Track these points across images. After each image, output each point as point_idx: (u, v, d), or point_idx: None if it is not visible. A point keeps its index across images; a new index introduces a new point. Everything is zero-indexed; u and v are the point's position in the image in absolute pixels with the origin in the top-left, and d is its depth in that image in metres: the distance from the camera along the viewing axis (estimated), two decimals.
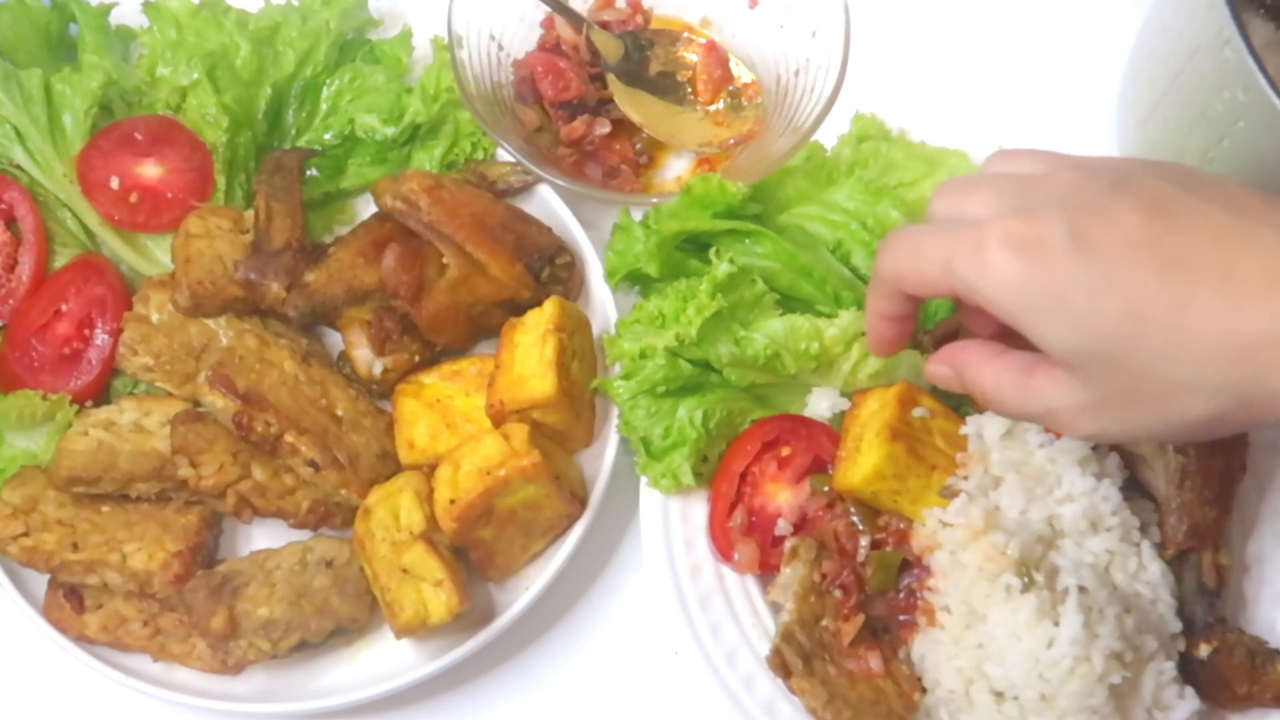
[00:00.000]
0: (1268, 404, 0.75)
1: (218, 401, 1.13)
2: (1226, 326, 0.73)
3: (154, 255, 1.28)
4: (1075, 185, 0.80)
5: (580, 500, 1.14)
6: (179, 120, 1.29)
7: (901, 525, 1.07)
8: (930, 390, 1.09)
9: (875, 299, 0.93)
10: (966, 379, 0.89)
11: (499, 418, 1.14)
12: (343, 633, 1.14)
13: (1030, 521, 1.03)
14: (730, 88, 1.38)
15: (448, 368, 1.22)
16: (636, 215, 1.19)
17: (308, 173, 1.31)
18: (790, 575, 1.07)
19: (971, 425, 1.07)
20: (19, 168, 1.27)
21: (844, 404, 1.14)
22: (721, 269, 1.10)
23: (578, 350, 1.16)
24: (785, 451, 1.12)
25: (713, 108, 1.37)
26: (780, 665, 1.03)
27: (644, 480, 1.13)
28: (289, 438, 1.13)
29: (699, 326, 1.09)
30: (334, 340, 1.26)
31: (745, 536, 1.11)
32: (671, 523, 1.13)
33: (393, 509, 1.12)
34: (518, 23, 1.37)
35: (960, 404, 1.10)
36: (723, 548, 1.12)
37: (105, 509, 1.16)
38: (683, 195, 1.16)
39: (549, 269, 1.22)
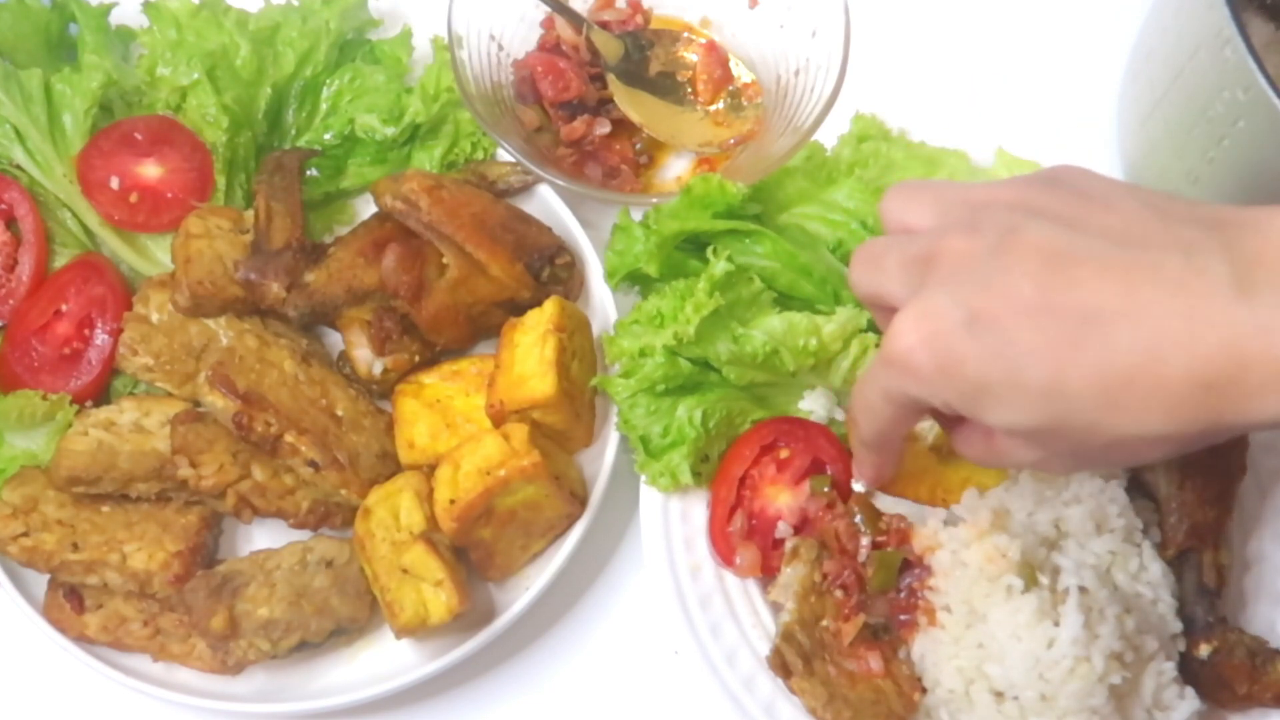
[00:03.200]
0: (1211, 437, 0.73)
1: (218, 401, 1.13)
2: (1154, 382, 0.70)
3: (154, 255, 1.28)
4: (959, 257, 0.77)
5: (580, 500, 1.14)
6: (179, 120, 1.29)
7: (902, 525, 1.07)
8: None
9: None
10: (953, 441, 0.89)
11: (499, 418, 1.14)
12: (343, 633, 1.14)
13: (1036, 524, 1.03)
14: (730, 88, 1.38)
15: (448, 368, 1.22)
16: (636, 215, 1.19)
17: (308, 173, 1.31)
18: (791, 575, 1.07)
19: None
20: (19, 168, 1.27)
21: (840, 411, 1.14)
22: (719, 267, 1.10)
23: (578, 350, 1.16)
24: (784, 454, 1.12)
25: (713, 108, 1.37)
26: (780, 665, 1.03)
27: (644, 480, 1.13)
28: (289, 438, 1.13)
29: (697, 325, 1.09)
30: (334, 340, 1.26)
31: (746, 540, 1.11)
32: (671, 523, 1.13)
33: (393, 509, 1.12)
34: (518, 23, 1.37)
35: None
36: (724, 552, 1.12)
37: (105, 509, 1.16)
38: (683, 195, 1.16)
39: (549, 269, 1.22)
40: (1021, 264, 0.74)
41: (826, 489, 1.09)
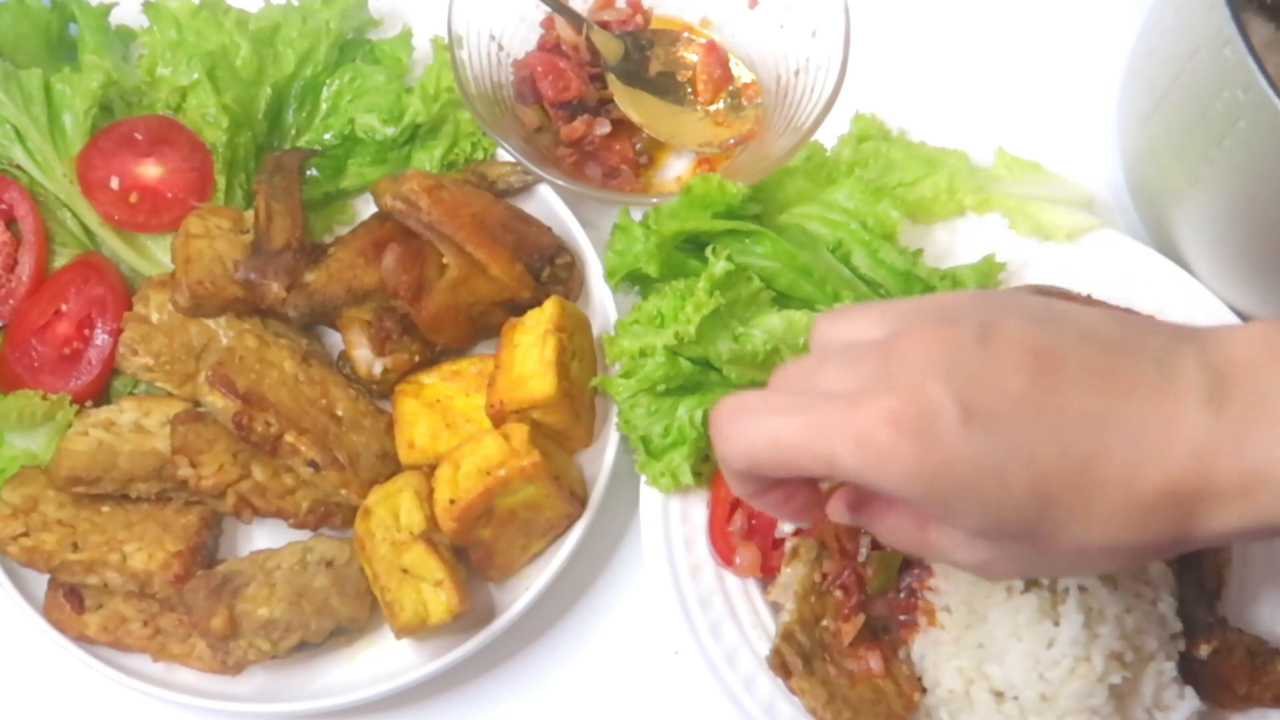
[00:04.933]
0: (1166, 552, 0.72)
1: (218, 401, 1.13)
2: (1127, 492, 0.69)
3: (154, 255, 1.28)
4: (939, 341, 0.71)
5: (580, 500, 1.14)
6: (179, 120, 1.29)
7: None
8: None
9: (734, 487, 0.79)
10: (864, 522, 0.83)
11: (499, 418, 1.14)
12: (343, 633, 1.14)
13: None
14: (730, 88, 1.38)
15: (448, 368, 1.22)
16: (636, 215, 1.19)
17: (308, 173, 1.31)
18: (790, 575, 1.07)
19: None
20: (19, 168, 1.27)
21: None
22: (718, 267, 1.10)
23: (578, 350, 1.16)
24: None
25: (713, 108, 1.37)
26: (780, 665, 1.03)
27: (644, 480, 1.13)
28: (289, 438, 1.13)
29: (697, 324, 1.09)
30: (334, 340, 1.26)
31: (746, 540, 1.11)
32: (671, 523, 1.13)
33: (393, 509, 1.12)
34: (518, 23, 1.37)
35: None
36: (723, 552, 1.12)
37: (105, 509, 1.16)
38: (683, 195, 1.16)
39: (549, 269, 1.22)
40: (1011, 359, 0.70)
41: (826, 488, 1.09)
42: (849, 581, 1.05)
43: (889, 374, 0.71)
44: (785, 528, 1.11)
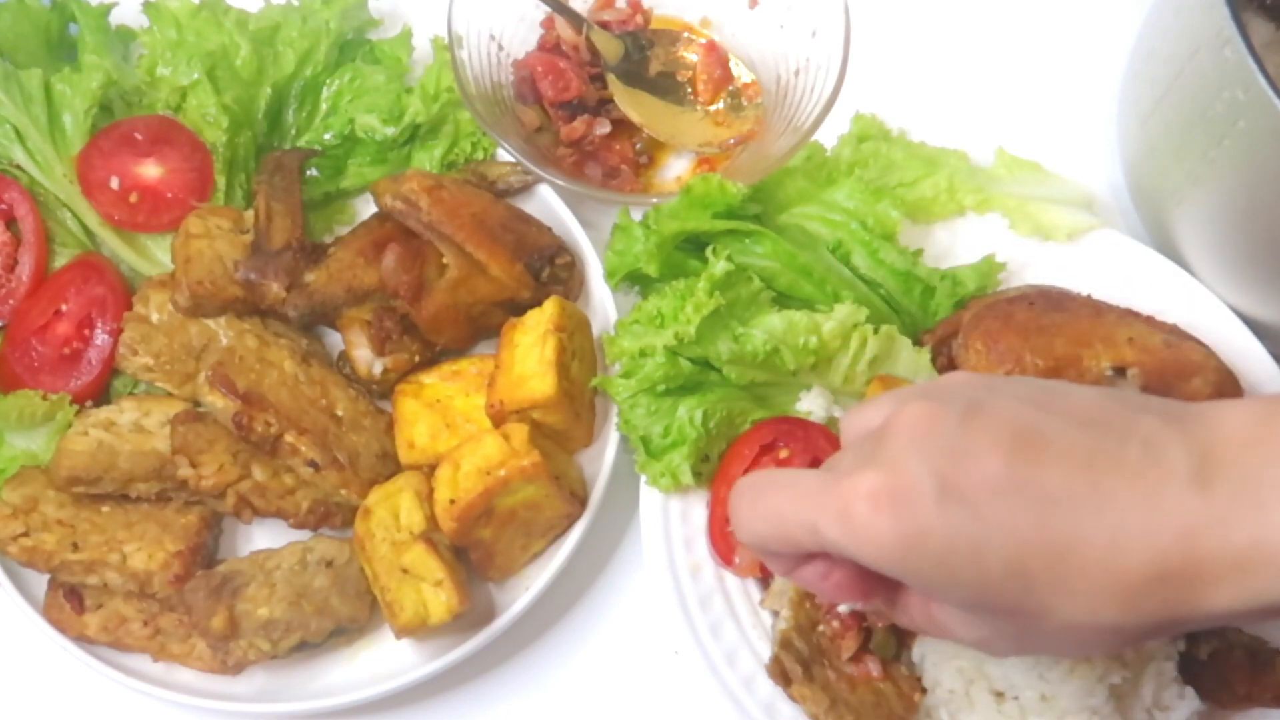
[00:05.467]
0: (1163, 633, 0.72)
1: (218, 401, 1.13)
2: (1111, 573, 0.69)
3: (154, 255, 1.28)
4: (925, 419, 0.73)
5: (580, 500, 1.14)
6: (179, 120, 1.29)
7: None
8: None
9: (770, 566, 0.84)
10: (879, 605, 0.85)
11: (499, 418, 1.14)
12: (343, 633, 1.14)
13: None
14: (730, 88, 1.38)
15: (448, 368, 1.22)
16: (636, 215, 1.19)
17: (308, 173, 1.31)
18: (785, 582, 1.07)
19: None
20: (19, 168, 1.27)
21: (839, 409, 1.14)
22: (719, 267, 1.10)
23: (578, 350, 1.16)
24: (783, 453, 1.12)
25: (713, 108, 1.37)
26: (780, 673, 1.03)
27: (644, 480, 1.13)
28: (289, 438, 1.13)
29: (698, 324, 1.09)
30: (334, 340, 1.26)
31: None
32: (671, 523, 1.13)
33: (393, 509, 1.12)
34: (518, 23, 1.37)
35: None
36: (723, 552, 1.12)
37: (105, 509, 1.16)
38: (683, 195, 1.16)
39: (549, 269, 1.22)
40: (991, 437, 0.72)
41: None
42: (843, 615, 1.05)
43: (877, 452, 0.74)
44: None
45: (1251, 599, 0.68)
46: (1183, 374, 1.07)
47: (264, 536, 1.20)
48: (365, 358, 1.20)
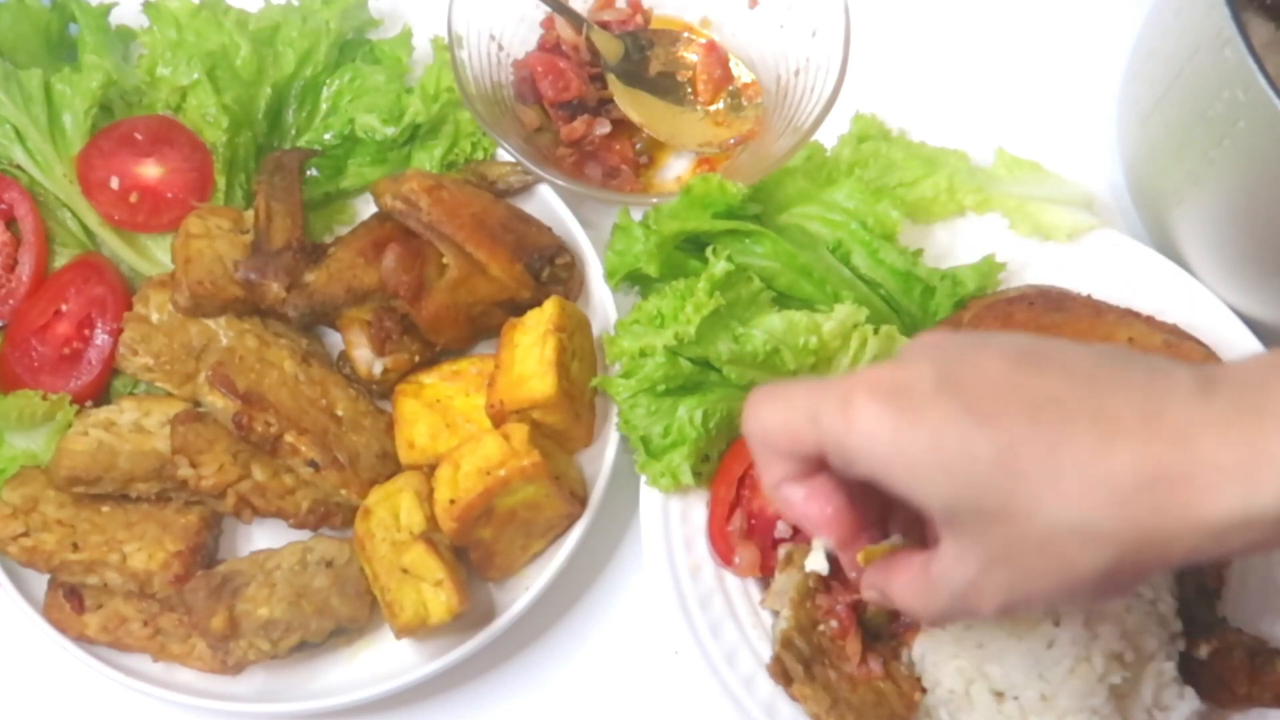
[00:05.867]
0: (1153, 552, 0.70)
1: (218, 401, 1.13)
2: (1103, 468, 0.69)
3: (154, 255, 1.28)
4: (936, 336, 0.77)
5: (580, 500, 1.14)
6: (179, 120, 1.29)
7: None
8: None
9: (762, 473, 0.82)
10: (889, 597, 0.83)
11: (499, 418, 1.14)
12: (343, 633, 1.14)
13: None
14: (730, 88, 1.38)
15: (448, 368, 1.22)
16: (636, 215, 1.18)
17: (308, 173, 1.31)
18: (785, 581, 1.07)
19: None
20: (19, 168, 1.27)
21: None
22: (719, 267, 1.10)
23: (578, 350, 1.16)
24: None
25: (713, 108, 1.37)
26: (781, 673, 1.03)
27: (644, 480, 1.13)
28: (289, 438, 1.13)
29: (698, 324, 1.09)
30: (334, 340, 1.26)
31: (745, 540, 1.11)
32: (671, 523, 1.13)
33: (393, 509, 1.12)
34: (518, 23, 1.37)
35: None
36: (723, 552, 1.12)
37: (105, 509, 1.16)
38: (683, 195, 1.16)
39: (549, 269, 1.22)
40: (999, 349, 0.74)
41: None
42: (842, 614, 1.05)
43: (892, 360, 0.78)
44: (784, 528, 1.10)
45: (1248, 512, 0.67)
46: None
47: (264, 536, 1.20)
48: (365, 358, 1.20)
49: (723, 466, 1.13)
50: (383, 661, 1.14)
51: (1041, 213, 1.23)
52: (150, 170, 1.26)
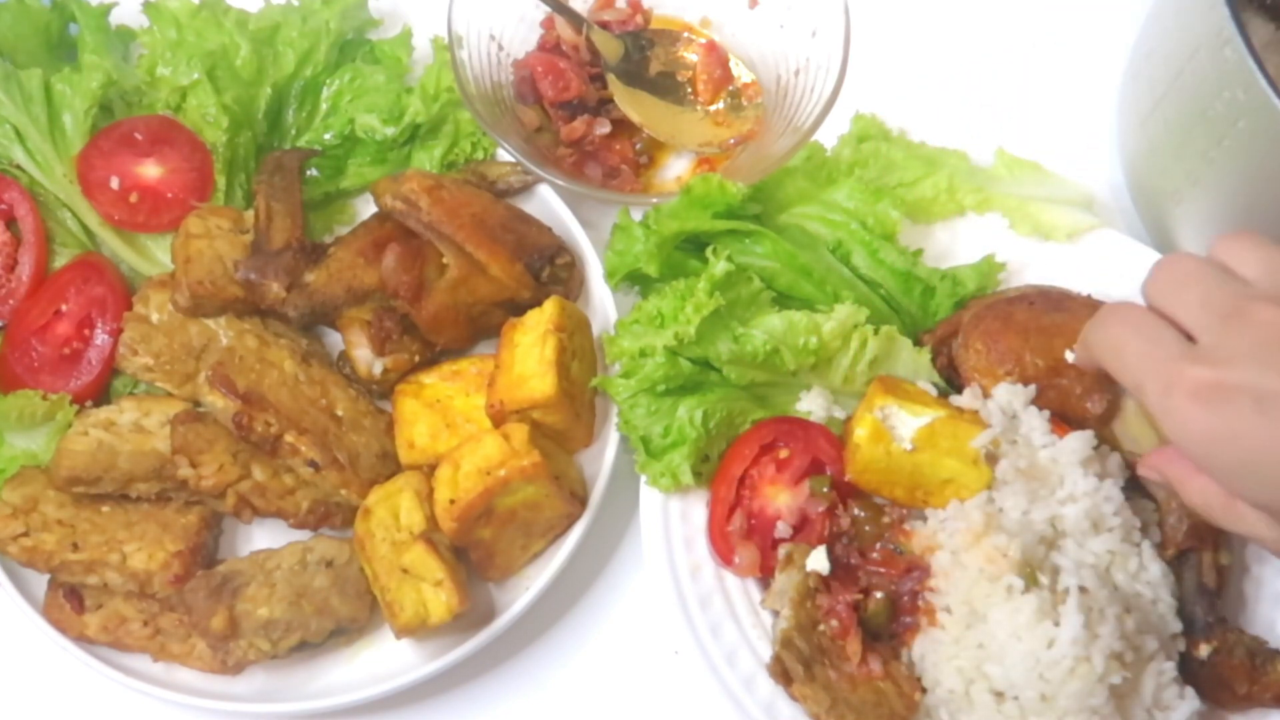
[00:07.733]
0: None
1: (218, 401, 1.13)
2: None
3: (154, 255, 1.28)
4: (1269, 328, 0.79)
5: (580, 500, 1.14)
6: (179, 120, 1.29)
7: (900, 514, 1.08)
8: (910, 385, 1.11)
9: (1081, 356, 0.97)
10: (1175, 488, 0.92)
11: (499, 418, 1.14)
12: (343, 633, 1.14)
13: (1033, 522, 1.03)
14: (730, 88, 1.38)
15: (448, 368, 1.22)
16: (636, 215, 1.18)
17: (308, 173, 1.31)
18: (785, 581, 1.07)
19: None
20: (19, 168, 1.27)
21: (839, 409, 1.14)
22: (719, 267, 1.10)
23: (578, 350, 1.16)
24: (783, 454, 1.12)
25: (713, 108, 1.37)
26: (781, 672, 1.03)
27: (644, 480, 1.13)
28: (289, 438, 1.13)
29: (698, 325, 1.09)
30: (334, 340, 1.26)
31: (745, 540, 1.11)
32: (671, 523, 1.12)
33: (393, 509, 1.12)
34: (518, 23, 1.37)
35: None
36: (723, 552, 1.11)
37: (105, 509, 1.16)
38: (683, 195, 1.16)
39: (549, 269, 1.22)
40: None
41: (826, 489, 1.09)
42: (842, 614, 1.05)
43: (1221, 342, 0.81)
44: (784, 528, 1.10)
45: None
46: None
47: (264, 536, 1.20)
48: (365, 358, 1.20)
49: (723, 466, 1.13)
50: (383, 661, 1.14)
51: (1041, 213, 1.23)
52: (150, 170, 1.26)
